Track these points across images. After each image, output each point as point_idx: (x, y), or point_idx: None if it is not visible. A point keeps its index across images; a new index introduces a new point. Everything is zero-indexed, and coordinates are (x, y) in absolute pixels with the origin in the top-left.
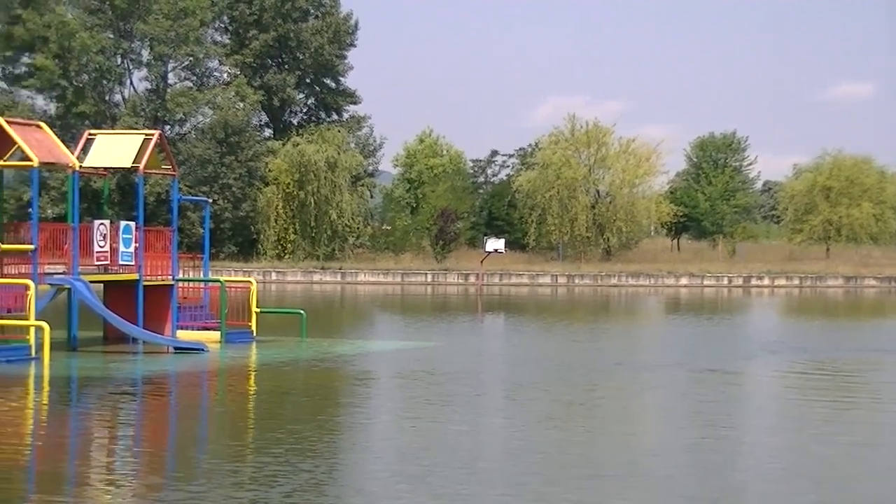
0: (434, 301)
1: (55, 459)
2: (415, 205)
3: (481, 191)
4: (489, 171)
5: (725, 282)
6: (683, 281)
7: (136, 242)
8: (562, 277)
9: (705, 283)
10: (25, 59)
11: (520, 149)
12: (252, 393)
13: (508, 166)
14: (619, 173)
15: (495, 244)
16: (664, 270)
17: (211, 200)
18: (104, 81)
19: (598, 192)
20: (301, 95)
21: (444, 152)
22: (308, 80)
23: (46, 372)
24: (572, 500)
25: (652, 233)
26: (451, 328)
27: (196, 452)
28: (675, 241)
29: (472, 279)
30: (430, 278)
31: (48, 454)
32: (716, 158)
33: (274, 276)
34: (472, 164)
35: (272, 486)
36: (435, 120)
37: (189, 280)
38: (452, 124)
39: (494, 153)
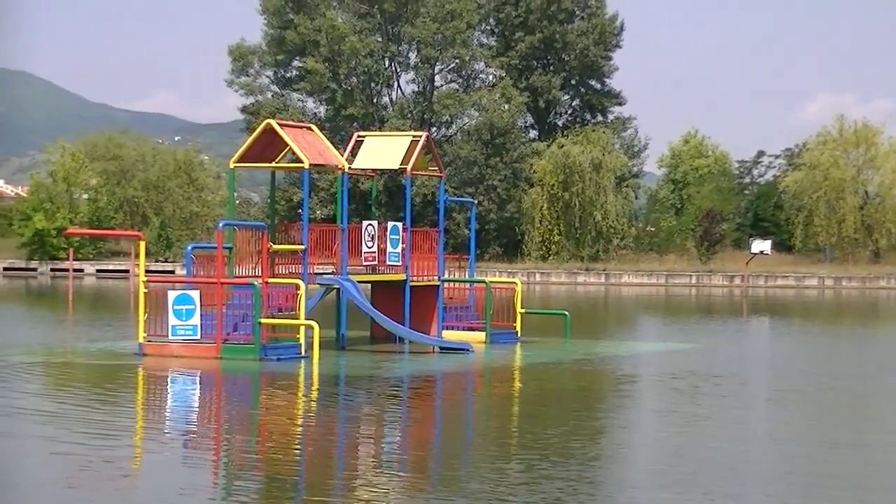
0: (698, 302)
1: (323, 459)
2: (679, 206)
3: (747, 192)
4: (755, 172)
5: None
6: None
7: (403, 243)
8: (829, 279)
9: None
10: (297, 63)
11: (787, 149)
12: (516, 394)
13: (775, 167)
14: (888, 174)
15: (761, 245)
16: None
17: (476, 201)
18: (372, 84)
19: (866, 192)
20: (566, 97)
21: (710, 153)
22: (573, 82)
23: (316, 370)
24: None
25: None
26: (716, 330)
27: (460, 454)
28: None
29: (737, 281)
30: (694, 280)
31: (317, 454)
32: None
33: (538, 277)
34: (737, 165)
35: (534, 490)
36: (700, 120)
37: (455, 280)
38: (718, 125)
39: (761, 154)
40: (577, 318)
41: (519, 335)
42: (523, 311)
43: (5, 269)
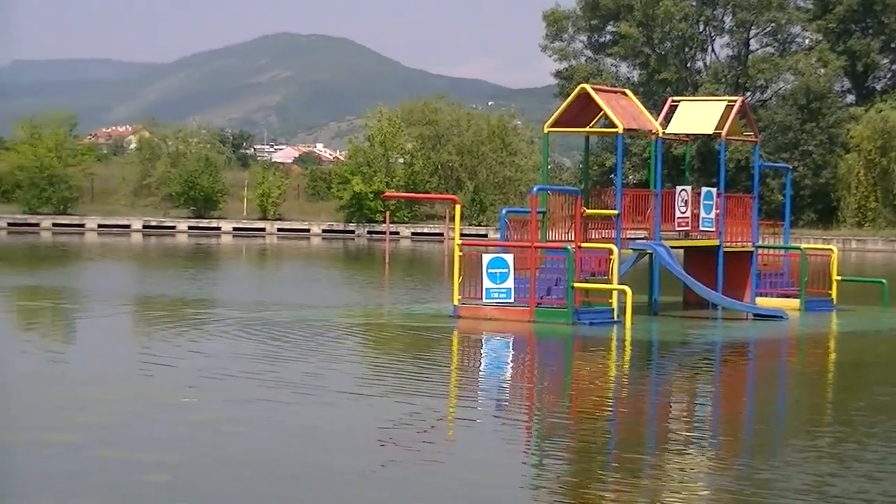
0: None
1: (634, 429)
2: None
3: None
4: None
5: None
6: None
7: (717, 209)
8: None
9: None
10: (610, 28)
11: None
12: (831, 363)
13: None
14: None
15: None
16: None
17: (791, 167)
18: (686, 48)
19: None
20: (885, 60)
21: None
22: (893, 45)
23: (628, 335)
24: None
25: None
26: None
27: (771, 425)
28: None
29: None
30: None
31: (627, 423)
32: None
33: (854, 245)
34: None
35: (846, 465)
36: None
37: (769, 247)
38: None
39: None
40: (894, 287)
41: (834, 303)
42: (839, 278)
43: (324, 230)
